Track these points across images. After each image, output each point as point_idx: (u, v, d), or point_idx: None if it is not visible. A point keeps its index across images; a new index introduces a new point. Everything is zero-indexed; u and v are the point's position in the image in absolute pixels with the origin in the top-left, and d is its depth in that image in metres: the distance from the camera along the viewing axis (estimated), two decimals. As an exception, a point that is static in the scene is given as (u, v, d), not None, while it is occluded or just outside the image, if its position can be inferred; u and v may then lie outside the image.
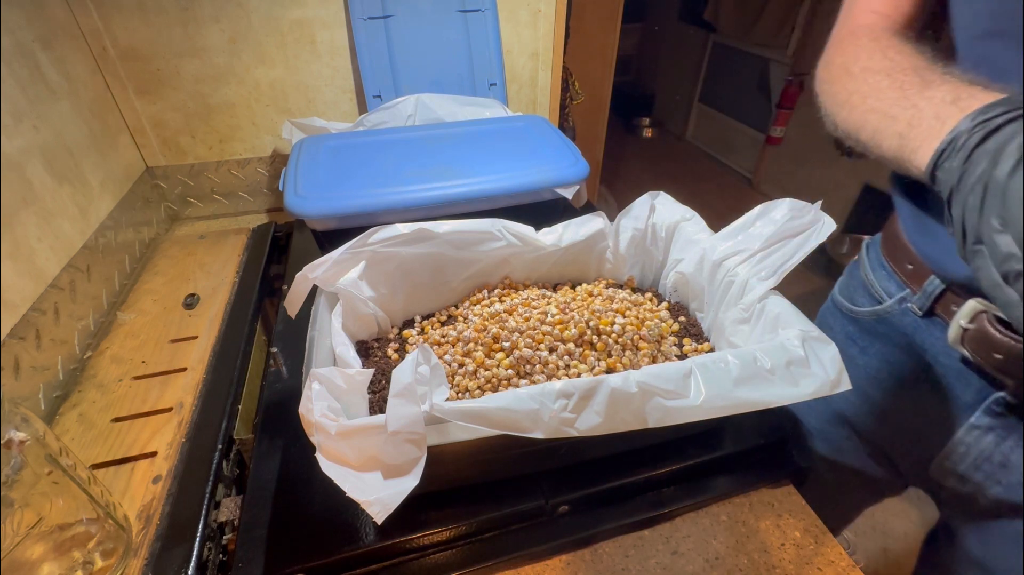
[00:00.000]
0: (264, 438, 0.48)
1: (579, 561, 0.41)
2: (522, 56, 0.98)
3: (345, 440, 0.31)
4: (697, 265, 0.51)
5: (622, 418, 0.33)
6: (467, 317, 0.51)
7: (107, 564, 0.39)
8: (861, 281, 0.51)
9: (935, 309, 0.42)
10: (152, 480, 0.47)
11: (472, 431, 0.32)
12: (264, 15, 0.80)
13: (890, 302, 0.47)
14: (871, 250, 0.51)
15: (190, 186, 0.89)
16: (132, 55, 0.77)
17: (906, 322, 0.46)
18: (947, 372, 0.43)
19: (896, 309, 0.46)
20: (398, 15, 0.85)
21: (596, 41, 1.73)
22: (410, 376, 0.31)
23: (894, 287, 0.47)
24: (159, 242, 0.83)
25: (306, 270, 0.44)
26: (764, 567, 0.40)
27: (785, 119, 2.34)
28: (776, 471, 0.47)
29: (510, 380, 0.43)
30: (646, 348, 0.47)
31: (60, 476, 0.35)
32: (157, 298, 0.70)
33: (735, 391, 0.34)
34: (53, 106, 0.65)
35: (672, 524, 0.44)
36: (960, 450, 0.44)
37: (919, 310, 0.44)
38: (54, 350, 0.56)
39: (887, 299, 0.47)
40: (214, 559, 0.43)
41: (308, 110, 0.90)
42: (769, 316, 0.42)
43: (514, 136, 0.75)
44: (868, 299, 0.50)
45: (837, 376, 0.36)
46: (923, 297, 0.43)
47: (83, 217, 0.66)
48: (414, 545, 0.40)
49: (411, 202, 0.61)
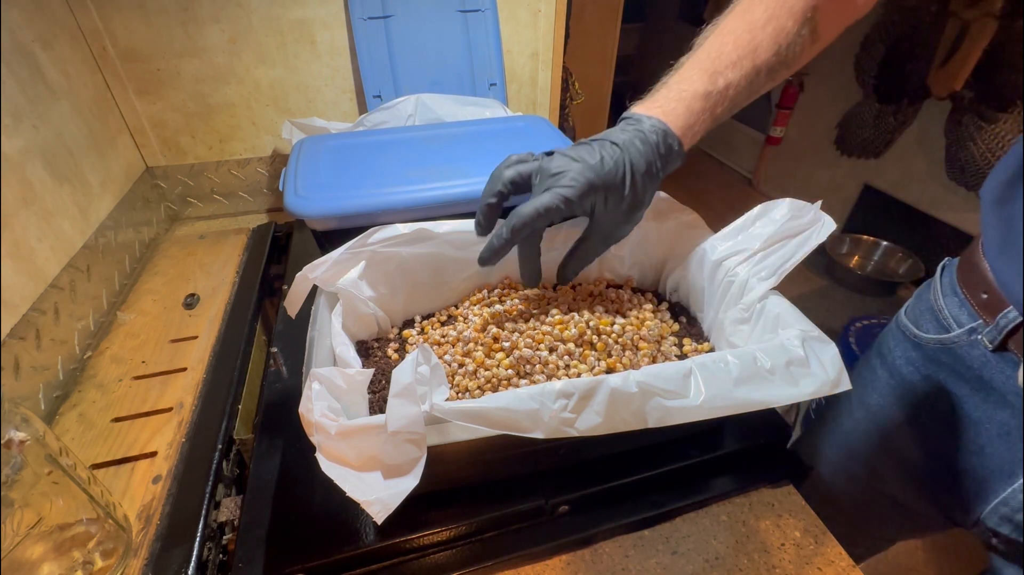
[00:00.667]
0: (264, 438, 0.48)
1: (579, 561, 0.41)
2: (522, 56, 0.98)
3: (345, 440, 0.31)
4: (697, 265, 0.51)
5: (622, 418, 0.33)
6: (467, 317, 0.51)
7: (107, 564, 0.39)
8: (930, 306, 0.48)
9: (1008, 344, 0.40)
10: (152, 480, 0.47)
11: (472, 431, 0.32)
12: (264, 15, 0.80)
13: (959, 331, 0.44)
14: (945, 274, 0.48)
15: (190, 186, 0.89)
16: (132, 55, 0.77)
17: (974, 355, 0.43)
18: (1015, 414, 0.41)
19: (965, 340, 0.43)
20: (398, 15, 0.85)
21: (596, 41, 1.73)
22: (410, 376, 0.31)
23: (965, 316, 0.44)
24: (159, 242, 0.83)
25: (306, 270, 0.44)
26: (764, 567, 0.40)
27: (785, 119, 2.34)
28: (776, 471, 0.47)
29: (510, 380, 0.43)
30: (646, 348, 0.47)
31: (60, 476, 0.35)
32: (157, 298, 0.70)
33: (735, 391, 0.34)
34: (53, 106, 0.65)
35: (672, 524, 0.44)
36: (1021, 498, 0.41)
37: (990, 343, 0.41)
38: (54, 350, 0.56)
39: (956, 328, 0.44)
40: (214, 559, 0.43)
41: (308, 110, 0.90)
42: (769, 316, 0.42)
43: (514, 136, 0.75)
44: (935, 326, 0.47)
45: (837, 376, 0.35)
46: (995, 330, 0.40)
47: (83, 217, 0.66)
48: (414, 545, 0.40)
49: (411, 202, 0.61)
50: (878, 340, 0.56)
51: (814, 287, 2.03)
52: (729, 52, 0.42)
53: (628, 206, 0.42)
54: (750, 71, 0.42)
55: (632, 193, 0.41)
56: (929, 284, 0.49)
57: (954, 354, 0.45)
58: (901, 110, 1.80)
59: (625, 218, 0.43)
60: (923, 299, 0.50)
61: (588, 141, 0.42)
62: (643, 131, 0.41)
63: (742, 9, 0.43)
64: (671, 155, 0.42)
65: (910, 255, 1.91)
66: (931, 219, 1.83)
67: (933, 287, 0.48)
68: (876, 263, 2.04)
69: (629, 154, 0.40)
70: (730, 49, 0.42)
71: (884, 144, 1.90)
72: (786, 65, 0.44)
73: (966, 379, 0.44)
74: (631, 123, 0.42)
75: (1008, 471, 0.42)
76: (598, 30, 1.71)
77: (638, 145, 0.40)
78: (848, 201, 2.12)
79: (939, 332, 0.46)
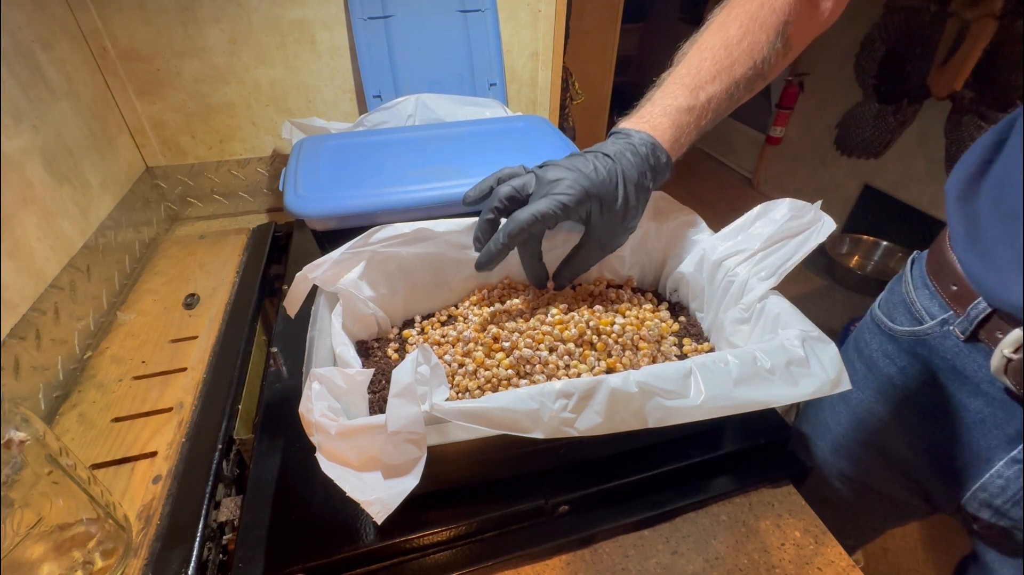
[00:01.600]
0: (264, 438, 0.48)
1: (579, 561, 0.41)
2: (522, 56, 0.98)
3: (345, 440, 0.31)
4: (697, 265, 0.51)
5: (622, 418, 0.33)
6: (467, 317, 0.51)
7: (107, 564, 0.39)
8: (903, 299, 0.49)
9: (979, 334, 0.41)
10: (152, 480, 0.47)
11: (472, 431, 0.32)
12: (264, 15, 0.80)
13: (931, 323, 0.45)
14: (915, 267, 0.49)
15: (190, 186, 0.89)
16: (132, 55, 0.77)
17: (947, 346, 0.44)
18: (989, 402, 0.42)
19: (937, 331, 0.44)
20: (398, 15, 0.85)
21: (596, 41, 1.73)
22: (410, 376, 0.31)
23: (936, 308, 0.44)
24: (159, 242, 0.83)
25: (306, 270, 0.44)
26: (764, 567, 0.40)
27: (785, 119, 2.34)
28: (776, 471, 0.47)
29: (510, 380, 0.43)
30: (646, 348, 0.47)
31: (60, 476, 0.35)
32: (157, 298, 0.70)
33: (735, 391, 0.34)
34: (53, 106, 0.65)
35: (672, 524, 0.44)
36: (998, 483, 0.42)
37: (961, 334, 0.42)
38: (54, 350, 0.56)
39: (928, 320, 0.45)
40: (214, 559, 0.43)
41: (308, 110, 0.90)
42: (769, 316, 0.42)
43: (514, 136, 0.75)
44: (908, 319, 0.48)
45: (837, 376, 0.35)
46: (966, 321, 0.41)
47: (83, 217, 0.66)
48: (414, 545, 0.40)
49: (411, 202, 0.61)
50: (854, 335, 0.57)
51: (814, 287, 2.03)
52: (708, 67, 0.44)
53: (621, 214, 0.44)
54: (729, 84, 0.44)
55: (624, 202, 0.43)
56: (900, 277, 0.51)
57: (928, 345, 0.46)
58: (901, 110, 1.80)
59: (620, 227, 0.45)
60: (895, 292, 0.51)
61: (581, 153, 0.44)
62: (633, 144, 0.43)
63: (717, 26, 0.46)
64: (659, 167, 0.44)
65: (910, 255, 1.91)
66: (931, 219, 1.83)
67: (904, 280, 0.49)
68: (876, 263, 2.04)
69: (621, 164, 0.42)
70: (708, 64, 0.44)
71: (884, 144, 1.90)
72: (762, 77, 0.46)
73: (941, 370, 0.45)
74: (621, 137, 0.44)
75: (985, 457, 0.43)
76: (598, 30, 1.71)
77: (629, 156, 0.43)
78: (848, 201, 2.12)
79: (912, 324, 0.47)
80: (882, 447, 0.53)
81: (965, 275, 0.41)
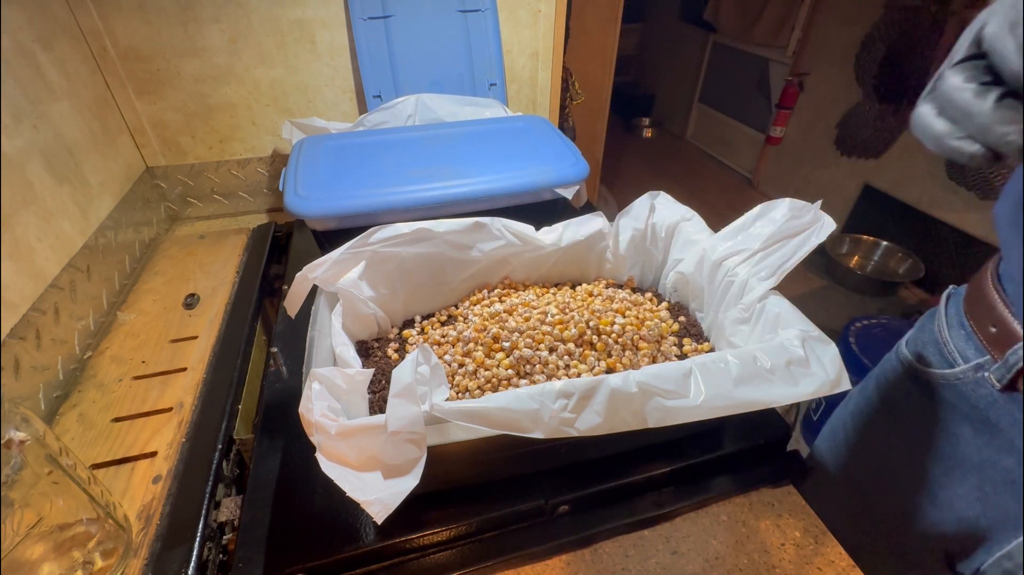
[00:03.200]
0: (264, 438, 0.48)
1: (579, 561, 0.41)
2: (522, 56, 0.98)
3: (345, 440, 0.31)
4: (697, 265, 0.51)
5: (622, 418, 0.33)
6: (467, 317, 0.51)
7: (107, 564, 0.39)
8: (934, 338, 0.44)
9: (1017, 383, 0.36)
10: (152, 480, 0.47)
11: (472, 431, 0.32)
12: (264, 15, 0.80)
13: (964, 367, 0.40)
14: (951, 304, 0.44)
15: (190, 186, 0.89)
16: (132, 55, 0.77)
17: (980, 394, 0.39)
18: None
19: (970, 377, 0.40)
20: (398, 15, 0.85)
21: (596, 41, 1.73)
22: (410, 376, 0.31)
23: (972, 351, 0.40)
24: (159, 242, 0.83)
25: (306, 270, 0.44)
26: (764, 567, 0.40)
27: (785, 119, 2.34)
28: (776, 471, 0.47)
29: (510, 380, 0.43)
30: (646, 348, 0.47)
31: (60, 476, 0.35)
32: (157, 298, 0.70)
33: (735, 391, 0.34)
34: (53, 106, 0.65)
35: (672, 524, 0.44)
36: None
37: (997, 382, 0.37)
38: (54, 350, 0.56)
39: (961, 363, 0.40)
40: (214, 559, 0.43)
41: (308, 110, 0.90)
42: (769, 316, 0.42)
43: (514, 136, 0.75)
44: (939, 360, 0.43)
45: (837, 376, 0.36)
46: (1004, 367, 0.36)
47: (83, 217, 0.66)
48: (414, 545, 0.40)
49: (411, 202, 0.61)
50: (876, 371, 0.52)
51: (814, 287, 2.03)
52: None
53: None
54: None
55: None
56: (933, 314, 0.46)
57: (958, 391, 0.41)
58: (901, 110, 1.80)
59: None
60: (926, 330, 0.45)
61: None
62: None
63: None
64: None
65: (910, 255, 1.91)
66: (931, 219, 1.83)
67: (938, 317, 0.44)
68: (876, 263, 2.04)
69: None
70: None
71: (884, 144, 1.90)
72: None
73: (970, 419, 0.41)
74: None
75: (1013, 522, 0.39)
76: (598, 30, 1.71)
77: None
78: (848, 201, 2.12)
79: (943, 367, 0.42)
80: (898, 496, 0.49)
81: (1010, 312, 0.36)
